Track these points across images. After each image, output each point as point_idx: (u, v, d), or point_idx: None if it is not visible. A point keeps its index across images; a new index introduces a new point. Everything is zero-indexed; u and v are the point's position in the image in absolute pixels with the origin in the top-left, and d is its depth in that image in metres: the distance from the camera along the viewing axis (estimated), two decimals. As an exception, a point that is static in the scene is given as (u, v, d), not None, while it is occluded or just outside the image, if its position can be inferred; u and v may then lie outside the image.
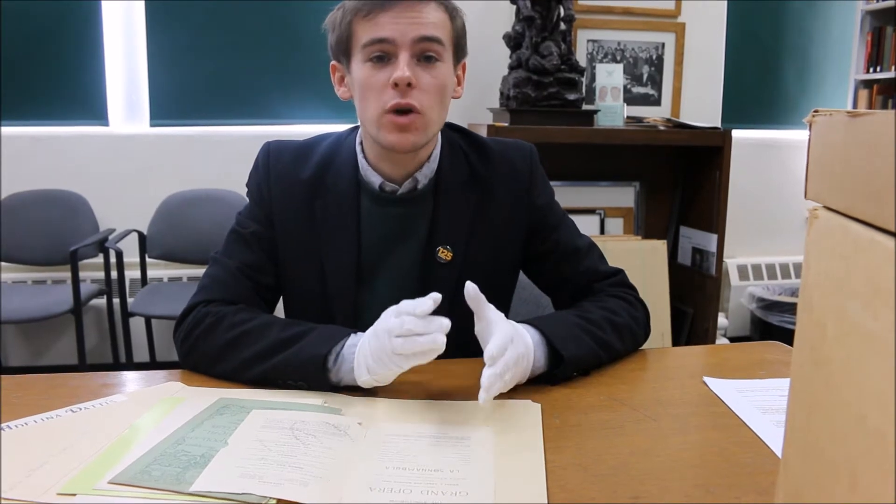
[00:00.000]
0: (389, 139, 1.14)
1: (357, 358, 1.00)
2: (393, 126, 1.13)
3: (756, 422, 0.95)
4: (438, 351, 0.93)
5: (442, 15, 1.15)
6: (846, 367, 0.43)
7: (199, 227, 3.13)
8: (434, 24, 1.13)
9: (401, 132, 1.13)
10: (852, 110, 0.44)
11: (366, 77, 1.13)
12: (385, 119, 1.13)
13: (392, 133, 1.14)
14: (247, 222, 1.23)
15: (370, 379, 0.98)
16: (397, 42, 1.11)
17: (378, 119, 1.14)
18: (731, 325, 3.90)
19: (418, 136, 1.15)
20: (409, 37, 1.11)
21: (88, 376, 1.09)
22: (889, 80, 3.94)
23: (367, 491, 0.76)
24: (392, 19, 1.10)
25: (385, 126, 1.14)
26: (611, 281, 1.29)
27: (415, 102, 1.12)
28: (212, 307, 1.13)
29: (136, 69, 3.31)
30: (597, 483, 0.79)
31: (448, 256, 1.22)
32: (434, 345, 0.91)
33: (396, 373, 0.97)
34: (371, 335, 0.98)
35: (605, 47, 3.55)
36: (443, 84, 1.16)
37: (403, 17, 1.10)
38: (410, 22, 1.11)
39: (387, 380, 0.99)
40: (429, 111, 1.14)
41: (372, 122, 1.15)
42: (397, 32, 1.10)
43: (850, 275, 0.43)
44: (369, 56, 1.13)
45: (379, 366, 0.96)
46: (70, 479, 0.76)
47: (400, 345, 0.93)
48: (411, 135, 1.14)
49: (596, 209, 3.37)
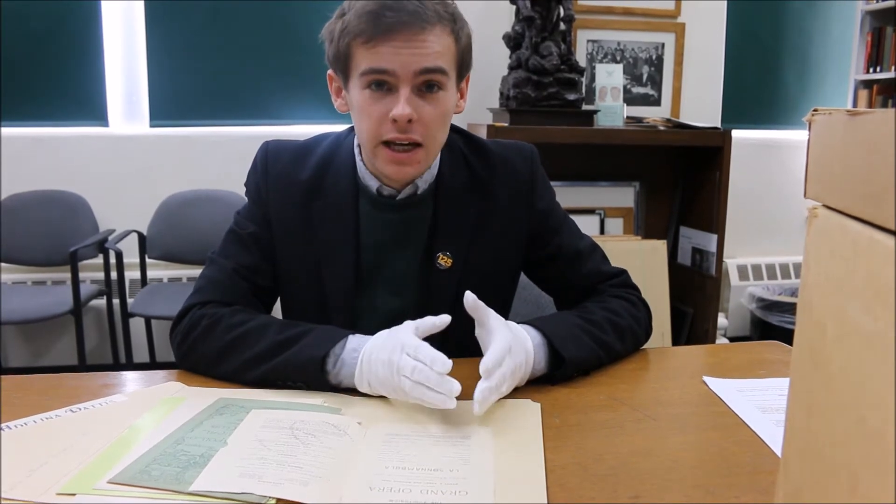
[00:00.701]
0: (386, 170, 1.13)
1: (360, 372, 0.99)
2: (390, 159, 1.11)
3: (756, 421, 0.95)
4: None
5: (447, 39, 1.09)
6: (846, 368, 0.43)
7: (199, 228, 3.13)
8: (438, 52, 1.07)
9: (399, 165, 1.11)
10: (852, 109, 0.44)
11: (364, 104, 1.10)
12: (382, 151, 1.11)
13: (389, 165, 1.12)
14: (244, 223, 1.22)
15: (371, 391, 0.99)
16: (398, 74, 1.06)
17: (374, 148, 1.12)
18: (731, 325, 3.90)
19: (417, 168, 1.13)
20: (410, 69, 1.06)
21: (88, 376, 1.09)
22: (889, 80, 3.94)
23: (366, 490, 0.76)
24: (393, 50, 1.05)
25: (381, 157, 1.12)
26: (614, 281, 1.28)
27: (416, 137, 1.09)
28: (208, 308, 1.13)
29: (136, 70, 3.31)
30: (596, 482, 0.79)
31: (448, 263, 1.21)
32: (443, 406, 0.89)
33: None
34: (380, 362, 0.96)
35: (604, 47, 3.55)
36: (445, 112, 1.13)
37: (406, 47, 1.05)
38: (413, 53, 1.05)
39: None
40: (430, 142, 1.12)
41: (369, 147, 1.13)
42: (398, 64, 1.05)
43: (850, 275, 0.43)
44: (368, 84, 1.09)
45: (381, 389, 0.97)
46: (70, 478, 0.76)
47: (409, 388, 0.91)
48: (410, 168, 1.12)
49: (596, 209, 3.37)
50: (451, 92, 1.13)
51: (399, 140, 1.09)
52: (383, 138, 1.10)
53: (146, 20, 3.25)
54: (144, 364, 3.24)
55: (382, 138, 1.10)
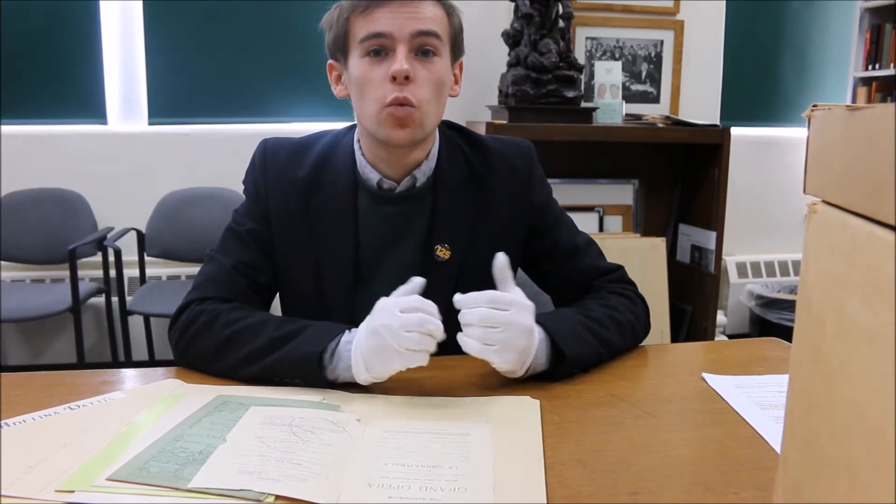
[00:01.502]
0: (387, 133, 1.14)
1: (354, 356, 0.99)
2: (391, 119, 1.13)
3: (755, 418, 0.95)
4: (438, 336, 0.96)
5: (439, 12, 1.15)
6: (845, 364, 0.43)
7: (198, 226, 3.13)
8: (431, 18, 1.13)
9: (399, 127, 1.13)
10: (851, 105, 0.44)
11: (363, 72, 1.13)
12: (384, 113, 1.13)
13: (390, 127, 1.13)
14: (243, 220, 1.23)
15: (369, 377, 0.99)
16: (395, 36, 1.11)
17: (377, 114, 1.14)
18: (731, 322, 3.90)
19: (415, 130, 1.14)
20: (406, 31, 1.11)
21: (87, 374, 1.09)
22: (888, 77, 3.94)
23: (365, 487, 0.76)
24: (389, 14, 1.10)
25: (384, 120, 1.13)
26: (611, 277, 1.29)
27: (412, 97, 1.12)
28: (206, 305, 1.13)
29: (135, 67, 3.30)
30: (596, 479, 0.79)
31: (446, 255, 1.22)
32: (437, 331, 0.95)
33: (396, 369, 0.97)
34: (369, 332, 0.98)
35: (603, 45, 3.55)
36: (440, 79, 1.16)
37: (400, 11, 1.11)
38: (408, 17, 1.11)
39: (385, 376, 0.99)
40: (426, 105, 1.14)
41: (371, 117, 1.15)
42: (394, 27, 1.10)
43: (850, 270, 0.42)
44: (367, 51, 1.12)
45: (379, 362, 0.97)
46: (68, 475, 0.76)
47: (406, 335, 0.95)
48: (409, 129, 1.14)
49: (595, 207, 3.37)
50: (445, 61, 1.17)
51: (398, 100, 1.12)
52: (385, 101, 1.12)
53: (145, 18, 3.25)
54: (143, 362, 3.24)
55: (384, 101, 1.12)
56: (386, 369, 0.97)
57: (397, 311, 0.96)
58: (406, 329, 0.94)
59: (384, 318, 0.97)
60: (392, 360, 0.96)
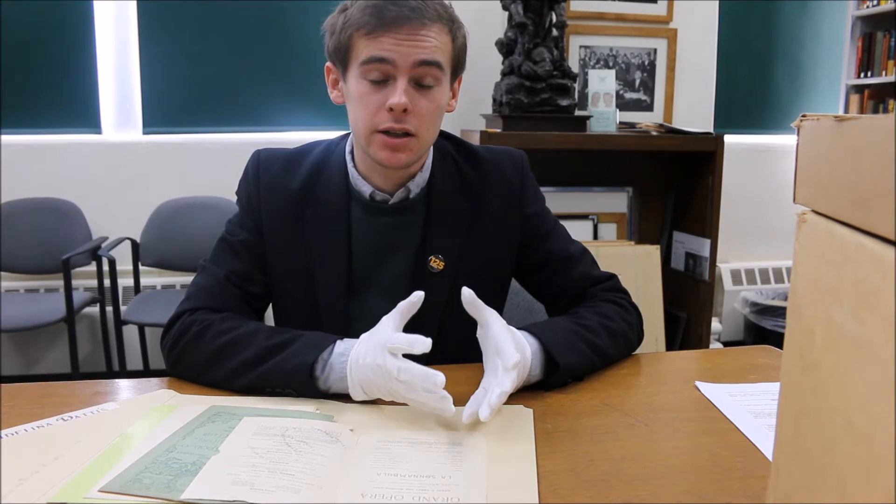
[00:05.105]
0: (380, 156, 1.14)
1: (351, 381, 0.99)
2: (384, 145, 1.13)
3: (747, 426, 0.95)
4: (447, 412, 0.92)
5: (444, 38, 1.13)
6: (834, 373, 0.43)
7: (192, 235, 3.13)
8: (436, 47, 1.11)
9: (392, 151, 1.13)
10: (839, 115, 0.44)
11: (361, 94, 1.13)
12: (376, 137, 1.13)
13: (383, 151, 1.13)
14: (236, 230, 1.23)
15: (365, 397, 0.99)
16: (397, 64, 1.09)
17: (369, 136, 1.14)
18: (725, 329, 3.90)
19: (410, 156, 1.15)
20: (409, 60, 1.09)
21: (80, 385, 1.09)
22: (880, 84, 3.96)
23: (358, 497, 0.76)
24: (394, 41, 1.08)
25: (376, 143, 1.13)
26: (604, 286, 1.29)
27: (409, 127, 1.12)
28: (198, 315, 1.13)
29: (129, 77, 3.30)
30: (589, 488, 0.79)
31: (440, 266, 1.22)
32: (440, 406, 0.91)
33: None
34: (368, 367, 0.96)
35: (597, 53, 3.57)
36: (438, 107, 1.16)
37: (406, 40, 1.09)
38: (412, 45, 1.09)
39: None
40: (423, 133, 1.14)
41: (363, 136, 1.15)
42: (398, 55, 1.09)
43: (838, 280, 0.43)
44: (366, 74, 1.11)
45: (377, 392, 0.97)
46: (61, 487, 0.75)
47: (405, 391, 0.92)
48: (403, 154, 1.14)
49: (589, 215, 3.38)
50: (444, 88, 1.16)
51: (394, 129, 1.11)
52: (378, 127, 1.12)
53: (139, 27, 3.25)
54: (138, 371, 3.23)
55: (378, 127, 1.12)
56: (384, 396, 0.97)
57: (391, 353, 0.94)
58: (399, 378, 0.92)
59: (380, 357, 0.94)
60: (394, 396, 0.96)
